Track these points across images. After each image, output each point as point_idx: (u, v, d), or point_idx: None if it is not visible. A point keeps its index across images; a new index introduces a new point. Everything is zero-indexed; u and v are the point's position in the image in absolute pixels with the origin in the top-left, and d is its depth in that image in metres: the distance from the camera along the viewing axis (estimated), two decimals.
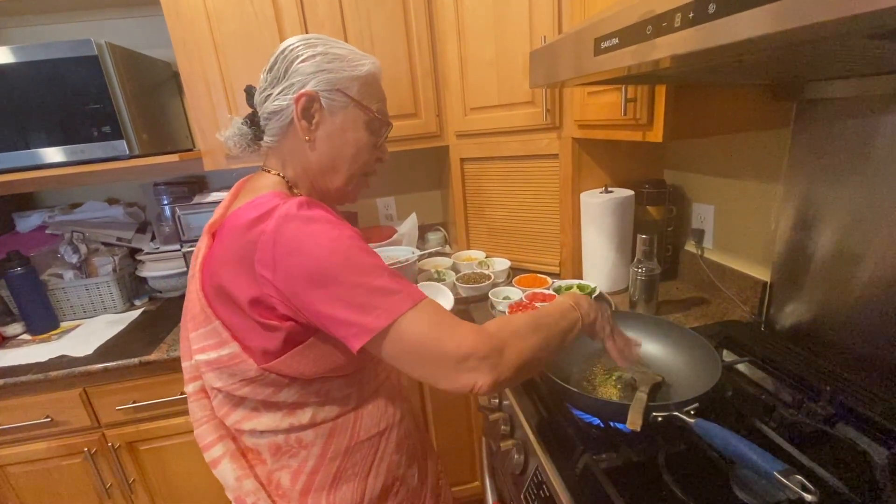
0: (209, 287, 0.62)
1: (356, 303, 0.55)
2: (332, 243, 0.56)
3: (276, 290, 0.56)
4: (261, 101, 0.67)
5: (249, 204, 0.60)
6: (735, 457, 0.59)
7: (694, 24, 0.42)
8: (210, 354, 0.62)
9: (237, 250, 0.58)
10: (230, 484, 0.67)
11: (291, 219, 0.56)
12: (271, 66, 0.66)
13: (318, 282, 0.55)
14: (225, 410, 0.68)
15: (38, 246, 1.51)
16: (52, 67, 1.20)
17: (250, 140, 0.70)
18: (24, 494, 1.31)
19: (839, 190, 0.85)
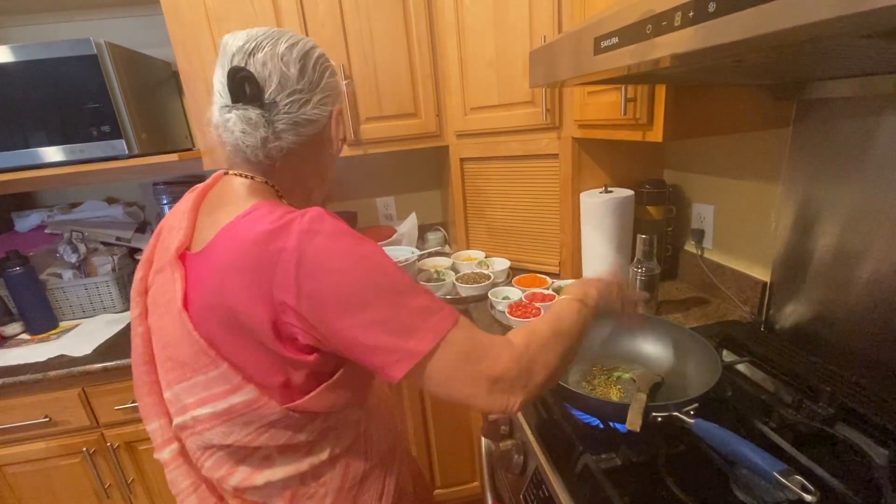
0: (210, 323, 0.52)
1: (397, 326, 0.49)
2: (364, 262, 0.50)
3: (298, 317, 0.49)
4: (295, 104, 0.58)
5: (251, 216, 0.53)
6: (735, 457, 0.58)
7: (694, 23, 0.42)
8: (218, 405, 0.54)
9: (248, 272, 0.50)
10: None
11: (315, 234, 0.49)
12: (302, 66, 0.58)
13: (352, 306, 0.49)
14: (223, 472, 0.59)
15: (37, 245, 1.51)
16: (51, 67, 1.20)
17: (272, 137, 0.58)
18: (23, 494, 1.31)
19: (839, 190, 0.85)
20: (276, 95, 0.57)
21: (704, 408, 0.68)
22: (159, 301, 0.57)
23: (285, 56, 0.57)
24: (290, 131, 0.59)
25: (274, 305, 0.49)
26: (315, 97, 0.60)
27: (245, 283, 0.50)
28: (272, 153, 0.59)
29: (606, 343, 0.94)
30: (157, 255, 0.61)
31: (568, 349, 0.59)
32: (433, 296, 0.53)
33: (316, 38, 1.36)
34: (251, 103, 0.56)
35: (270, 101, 0.57)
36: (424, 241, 1.86)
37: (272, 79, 0.57)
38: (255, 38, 0.57)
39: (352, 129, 1.44)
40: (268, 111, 0.57)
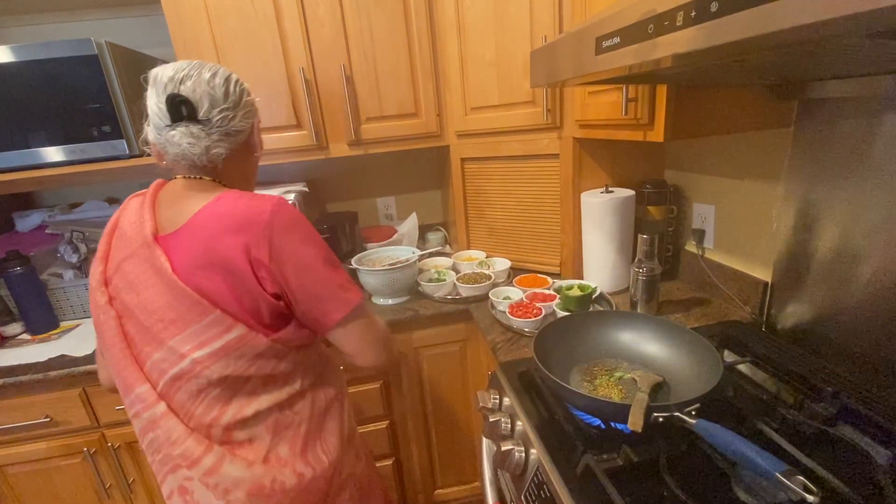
0: (200, 280, 0.66)
1: (337, 284, 0.73)
2: (314, 239, 0.73)
3: (268, 271, 0.68)
4: (224, 119, 0.73)
5: (224, 198, 0.70)
6: (736, 457, 0.58)
7: (696, 22, 0.41)
8: (215, 345, 0.67)
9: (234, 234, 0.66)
10: (242, 475, 0.70)
11: (282, 212, 0.69)
12: (226, 90, 0.73)
13: (307, 267, 0.70)
14: (216, 412, 0.70)
15: (37, 245, 1.51)
16: (51, 67, 1.20)
17: (199, 151, 0.71)
18: (24, 494, 1.31)
19: (841, 189, 0.85)
20: (209, 113, 0.71)
21: (706, 408, 0.68)
22: (136, 280, 0.69)
23: (210, 82, 0.71)
24: (224, 140, 0.73)
25: (251, 259, 0.67)
26: (239, 112, 0.75)
27: (233, 241, 0.66)
28: (214, 158, 0.73)
29: (608, 343, 0.94)
30: (118, 248, 0.72)
31: None
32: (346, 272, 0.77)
33: (316, 38, 1.36)
34: (190, 121, 0.70)
35: (205, 118, 0.71)
36: (425, 242, 1.86)
37: (203, 101, 0.71)
38: (181, 70, 0.71)
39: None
40: (205, 126, 0.71)
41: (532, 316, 1.15)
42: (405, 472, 1.53)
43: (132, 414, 0.72)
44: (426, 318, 1.35)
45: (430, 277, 1.44)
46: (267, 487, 0.71)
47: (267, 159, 1.45)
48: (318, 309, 0.72)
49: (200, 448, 0.70)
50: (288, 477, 0.73)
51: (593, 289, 1.21)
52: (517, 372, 0.96)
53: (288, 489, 0.73)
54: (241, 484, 0.70)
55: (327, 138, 1.46)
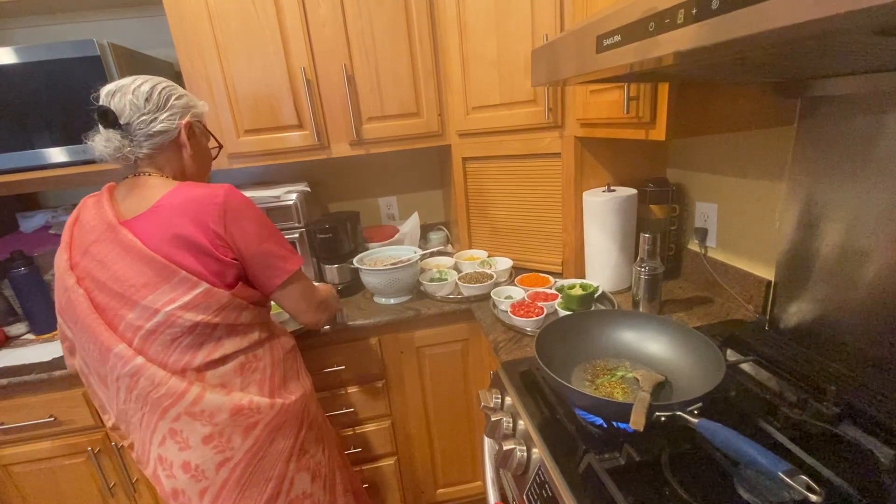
0: (165, 250, 0.80)
1: (280, 254, 0.90)
2: (260, 216, 0.89)
3: (223, 241, 0.83)
4: (143, 123, 0.84)
5: (182, 188, 0.83)
6: (739, 457, 0.58)
7: (697, 20, 0.41)
8: (184, 299, 0.80)
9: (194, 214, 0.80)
10: (222, 402, 0.84)
11: (234, 195, 0.85)
12: (148, 97, 0.85)
13: (256, 238, 0.86)
14: (189, 356, 0.83)
15: (41, 246, 1.52)
16: (54, 68, 1.20)
17: (126, 151, 0.84)
18: (28, 494, 1.32)
19: (844, 188, 0.85)
20: (130, 119, 0.84)
21: (708, 407, 0.67)
22: (106, 258, 0.81)
23: (135, 92, 0.84)
24: (147, 141, 0.86)
25: (209, 232, 0.82)
26: (162, 115, 0.86)
27: (195, 220, 0.81)
28: (127, 156, 0.85)
29: (610, 343, 0.94)
30: (81, 238, 0.84)
31: None
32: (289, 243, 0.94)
33: (317, 38, 1.37)
34: (111, 127, 0.83)
35: (126, 123, 0.84)
36: (427, 241, 1.86)
37: (126, 109, 0.83)
38: (117, 86, 0.85)
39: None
40: (126, 130, 0.84)
41: (534, 315, 1.15)
42: (407, 471, 1.53)
43: (114, 377, 0.82)
44: (428, 318, 1.35)
45: (431, 277, 1.44)
46: (245, 407, 0.86)
47: (269, 159, 1.45)
48: (263, 274, 0.89)
49: (183, 384, 0.82)
50: (262, 401, 0.89)
51: (595, 288, 1.20)
52: (519, 371, 0.96)
53: (262, 408, 0.88)
54: (222, 408, 0.84)
55: (329, 138, 1.46)
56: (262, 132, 1.42)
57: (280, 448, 0.91)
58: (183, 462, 0.84)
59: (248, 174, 1.77)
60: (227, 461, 0.86)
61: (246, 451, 0.87)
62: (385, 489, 1.53)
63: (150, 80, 0.87)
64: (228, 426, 0.85)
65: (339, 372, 1.36)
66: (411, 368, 1.41)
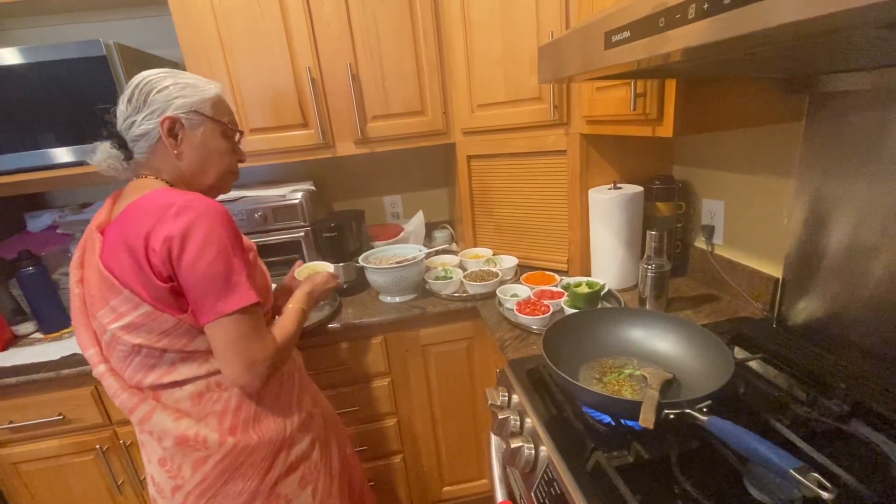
0: (114, 265, 0.73)
1: (216, 289, 0.73)
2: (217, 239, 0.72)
3: (160, 258, 0.71)
4: (126, 127, 0.79)
5: (146, 197, 0.74)
6: (749, 454, 0.58)
7: (708, 15, 0.41)
8: (125, 319, 0.74)
9: (142, 226, 0.71)
10: (168, 427, 0.78)
11: (190, 210, 0.71)
12: (129, 97, 0.79)
13: (193, 266, 0.71)
14: (141, 375, 0.78)
15: (49, 245, 1.53)
16: (60, 68, 1.21)
17: (122, 160, 0.81)
18: (37, 491, 1.33)
19: (853, 184, 0.84)
20: (119, 126, 0.80)
21: (717, 405, 0.67)
22: (89, 263, 0.77)
23: (124, 94, 0.79)
24: (135, 146, 0.81)
25: (147, 247, 0.71)
26: (140, 115, 0.79)
27: (139, 230, 0.71)
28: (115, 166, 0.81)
29: (617, 341, 0.94)
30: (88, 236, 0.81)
31: (295, 338, 0.89)
32: (245, 276, 0.75)
33: (322, 37, 1.36)
34: (109, 138, 0.81)
35: (118, 131, 0.80)
36: (432, 239, 1.86)
37: (119, 115, 0.80)
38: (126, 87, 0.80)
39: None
40: (119, 138, 0.80)
41: (540, 313, 1.15)
42: (413, 469, 1.54)
43: None
44: (433, 316, 1.35)
45: (436, 275, 1.44)
46: (191, 438, 0.79)
47: (274, 158, 1.45)
48: (195, 305, 0.74)
49: (134, 400, 0.79)
50: (211, 436, 0.80)
51: (602, 286, 1.20)
52: (526, 369, 0.96)
53: (210, 445, 0.79)
54: (168, 433, 0.79)
55: (334, 137, 1.46)
56: (267, 131, 1.42)
57: (238, 489, 0.82)
58: (150, 473, 0.84)
59: (253, 173, 1.78)
60: (179, 488, 0.81)
61: (196, 484, 0.80)
62: (391, 487, 1.54)
63: (139, 76, 0.80)
64: (177, 454, 0.80)
65: (344, 370, 1.36)
66: (417, 366, 1.42)
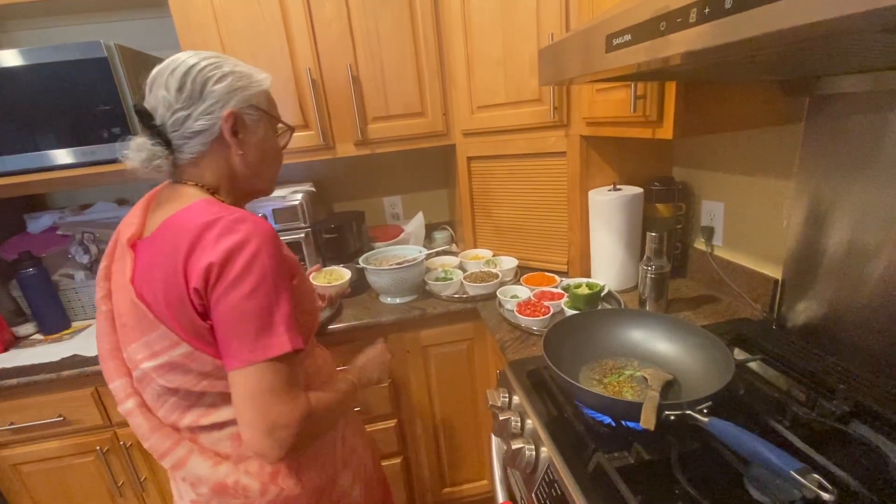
0: (150, 294, 0.63)
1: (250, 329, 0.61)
2: (262, 271, 0.61)
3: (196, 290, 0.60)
4: (176, 122, 0.67)
5: (187, 210, 0.64)
6: (750, 456, 0.58)
7: (709, 19, 0.41)
8: (160, 359, 0.64)
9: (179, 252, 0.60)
10: (205, 474, 0.69)
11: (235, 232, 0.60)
12: (180, 86, 0.67)
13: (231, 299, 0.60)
14: (177, 415, 0.69)
15: (49, 247, 1.53)
16: (61, 69, 1.21)
17: (163, 158, 0.68)
18: (38, 493, 1.33)
19: (852, 185, 0.84)
20: (164, 118, 0.67)
21: (717, 406, 0.67)
22: (117, 283, 0.68)
23: (168, 81, 0.67)
24: (185, 144, 0.68)
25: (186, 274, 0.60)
26: (197, 110, 0.67)
27: (177, 254, 0.60)
28: (159, 168, 0.68)
29: (617, 342, 0.94)
30: (116, 248, 0.71)
31: (335, 420, 0.80)
32: (287, 315, 0.63)
33: (322, 38, 1.37)
34: (146, 131, 0.68)
35: (161, 124, 0.67)
36: (432, 241, 1.86)
37: (160, 105, 0.67)
38: (157, 71, 0.68)
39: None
40: (161, 134, 0.67)
41: (540, 314, 1.15)
42: (413, 470, 1.54)
43: None
44: (433, 317, 1.36)
45: (437, 276, 1.45)
46: (230, 487, 0.69)
47: None
48: (222, 344, 0.62)
49: (168, 443, 0.69)
50: (252, 485, 0.70)
51: (601, 287, 1.20)
52: (526, 370, 0.96)
53: (251, 493, 0.70)
54: (204, 480, 0.69)
55: (334, 138, 1.46)
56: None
57: None
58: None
59: None
60: None
61: None
62: (391, 488, 1.53)
63: (189, 58, 0.68)
64: (213, 500, 0.71)
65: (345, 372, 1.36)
66: (417, 368, 1.42)
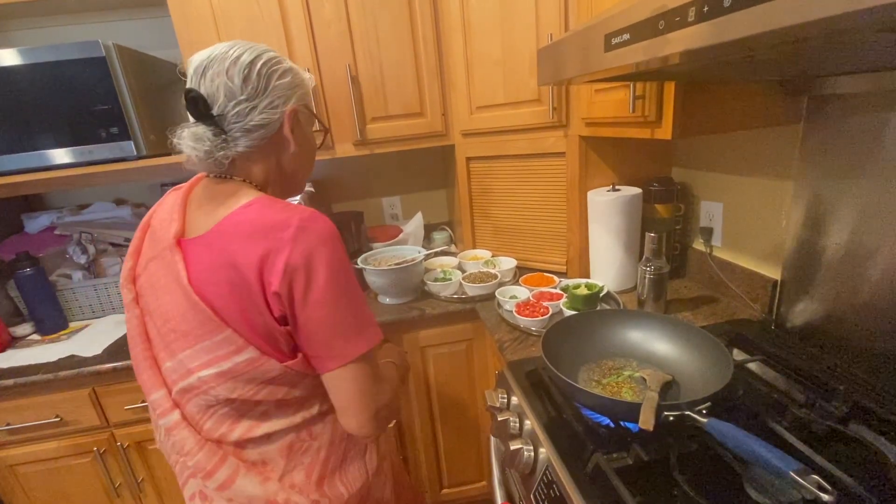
0: (213, 295, 0.60)
1: (343, 330, 0.62)
2: (342, 266, 0.62)
3: (276, 293, 0.59)
4: (239, 113, 0.64)
5: (253, 206, 0.62)
6: (749, 456, 0.58)
7: (708, 18, 0.41)
8: (223, 365, 0.62)
9: (255, 247, 0.59)
10: (255, 492, 0.67)
11: (311, 231, 0.60)
12: (245, 77, 0.64)
13: (320, 300, 0.60)
14: (226, 427, 0.67)
15: (46, 247, 1.52)
16: (60, 69, 1.21)
17: (219, 155, 0.65)
18: (35, 493, 1.32)
19: (851, 186, 0.84)
20: (224, 108, 0.64)
21: (716, 407, 0.67)
22: (157, 284, 0.65)
23: (230, 70, 0.63)
24: (242, 137, 0.65)
25: (263, 277, 0.59)
26: (262, 103, 0.65)
27: (249, 255, 0.59)
28: (221, 161, 0.65)
29: (616, 342, 0.94)
30: (148, 246, 0.68)
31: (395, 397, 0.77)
32: (368, 308, 0.66)
33: (321, 39, 1.36)
34: (202, 120, 0.64)
35: (220, 114, 0.64)
36: (430, 241, 1.86)
37: (219, 93, 0.63)
38: (209, 57, 0.64)
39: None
40: (219, 124, 0.64)
41: (539, 315, 1.15)
42: (412, 471, 1.53)
43: (154, 416, 0.70)
44: (432, 318, 1.35)
45: (435, 277, 1.44)
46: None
47: None
48: (312, 350, 0.63)
49: (214, 460, 0.66)
50: (300, 500, 0.69)
51: (600, 287, 1.20)
52: (525, 371, 0.95)
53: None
54: (254, 501, 0.67)
55: (333, 138, 1.46)
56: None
57: None
58: None
59: None
60: None
61: None
62: None
63: (248, 50, 0.65)
64: None
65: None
66: (416, 368, 1.41)
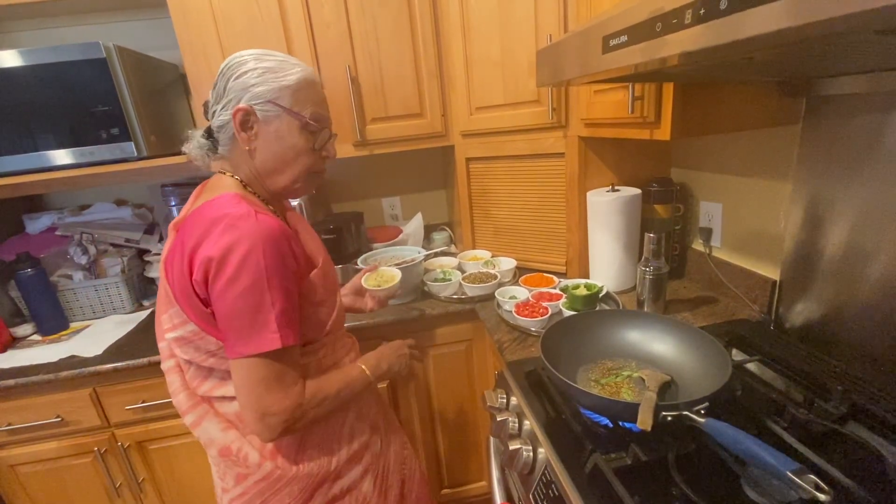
0: (172, 275, 0.70)
1: (245, 323, 0.66)
2: (257, 266, 0.65)
3: (195, 279, 0.66)
4: (214, 115, 0.75)
5: (210, 203, 0.69)
6: (747, 456, 0.58)
7: (705, 20, 0.41)
8: (178, 332, 0.72)
9: (192, 241, 0.66)
10: (216, 436, 0.76)
11: (237, 228, 0.65)
12: (214, 84, 0.74)
13: (225, 292, 0.65)
14: (197, 382, 0.76)
15: (47, 247, 1.53)
16: (60, 70, 1.21)
17: (208, 150, 0.78)
18: (35, 494, 1.32)
19: (849, 187, 0.84)
20: (212, 113, 0.76)
21: (715, 407, 0.67)
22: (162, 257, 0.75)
23: (216, 78, 0.74)
24: (219, 138, 0.76)
25: (191, 262, 0.66)
26: (220, 105, 0.73)
27: (190, 241, 0.66)
28: (211, 160, 0.78)
29: (615, 343, 0.94)
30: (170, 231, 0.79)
31: (335, 409, 0.79)
32: (277, 314, 0.67)
33: (321, 40, 1.37)
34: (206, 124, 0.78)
35: (211, 118, 0.76)
36: (430, 241, 1.86)
37: (211, 101, 0.75)
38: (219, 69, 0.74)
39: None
40: (210, 128, 0.77)
41: (538, 315, 1.15)
42: None
43: None
44: (432, 318, 1.36)
45: (435, 277, 1.45)
46: (233, 453, 0.75)
47: None
48: (223, 336, 0.68)
49: (189, 403, 0.77)
50: (252, 454, 0.76)
51: (600, 288, 1.20)
52: (524, 371, 0.96)
53: (250, 464, 0.76)
54: (213, 442, 0.76)
55: None
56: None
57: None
58: None
59: None
60: (227, 491, 0.80)
61: (238, 495, 0.78)
62: None
63: (228, 59, 0.73)
64: (221, 463, 0.78)
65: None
66: (415, 368, 1.42)
